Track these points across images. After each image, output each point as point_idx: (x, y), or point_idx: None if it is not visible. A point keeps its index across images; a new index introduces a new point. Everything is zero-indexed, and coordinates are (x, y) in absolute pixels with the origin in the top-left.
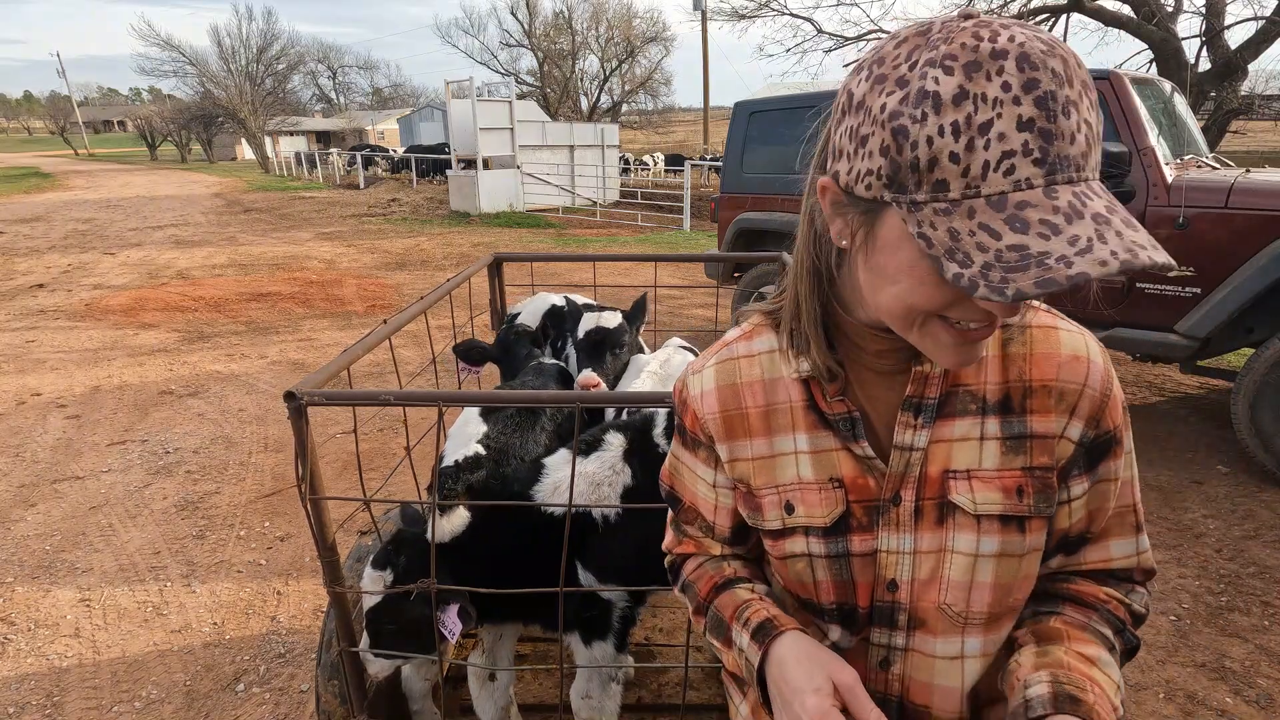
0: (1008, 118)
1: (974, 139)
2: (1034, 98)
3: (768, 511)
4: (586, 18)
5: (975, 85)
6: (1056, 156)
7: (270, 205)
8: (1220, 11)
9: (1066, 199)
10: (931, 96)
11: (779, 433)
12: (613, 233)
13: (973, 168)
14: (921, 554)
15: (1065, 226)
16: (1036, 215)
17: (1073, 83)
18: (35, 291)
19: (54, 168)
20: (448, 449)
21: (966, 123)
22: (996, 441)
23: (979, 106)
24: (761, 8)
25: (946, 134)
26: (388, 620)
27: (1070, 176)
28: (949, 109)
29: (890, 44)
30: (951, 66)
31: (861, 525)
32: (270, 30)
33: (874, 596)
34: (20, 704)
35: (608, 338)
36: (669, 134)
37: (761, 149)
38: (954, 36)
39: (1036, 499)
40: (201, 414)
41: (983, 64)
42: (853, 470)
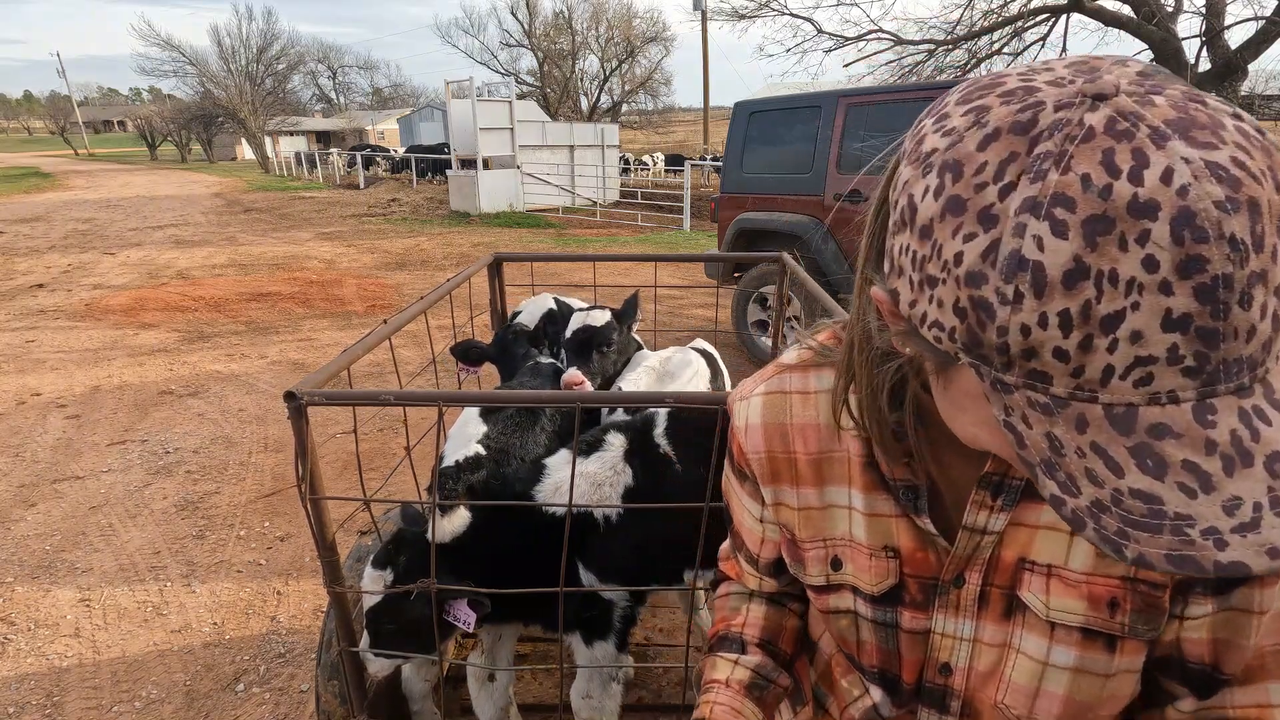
0: (1149, 310)
1: (1093, 336)
2: (1195, 285)
3: (811, 566)
4: (586, 18)
5: (1101, 258)
6: (1220, 363)
7: (270, 205)
8: (1220, 11)
9: (1229, 425)
10: (1031, 269)
11: (832, 483)
12: (613, 233)
13: (1088, 369)
14: (982, 644)
15: (1222, 479)
16: (1179, 453)
17: (1263, 244)
18: (35, 291)
19: (54, 168)
20: (447, 449)
21: (1083, 314)
22: None
23: (1104, 291)
24: (761, 8)
25: (1051, 326)
26: (388, 620)
27: (1240, 384)
28: (1057, 293)
29: (973, 132)
30: (1065, 222)
31: (915, 602)
32: (270, 30)
33: (923, 676)
34: (20, 704)
35: (595, 336)
36: (669, 134)
37: (761, 149)
38: (1073, 155)
39: (1134, 618)
40: (201, 414)
41: (1116, 223)
42: (911, 542)
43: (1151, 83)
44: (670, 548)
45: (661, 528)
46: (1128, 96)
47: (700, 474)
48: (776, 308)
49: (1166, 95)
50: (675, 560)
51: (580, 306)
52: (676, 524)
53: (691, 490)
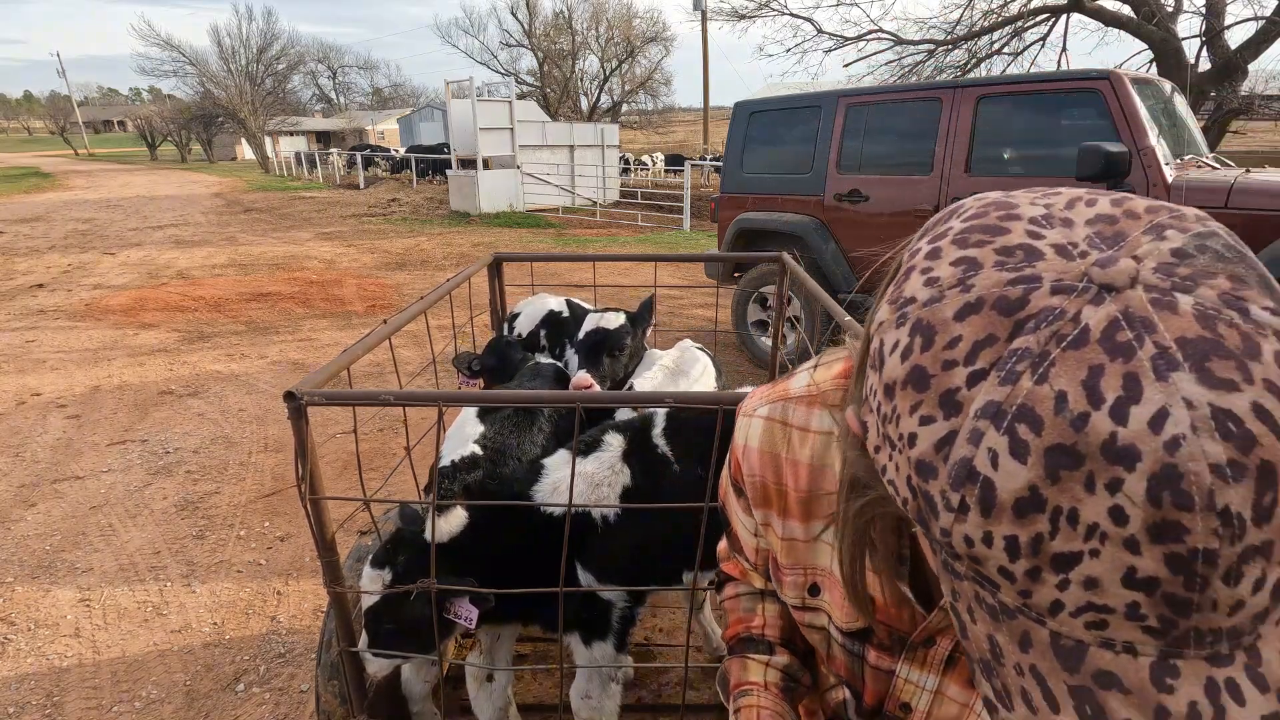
0: (1110, 562)
1: (1041, 570)
2: (1166, 554)
3: (788, 589)
4: (586, 18)
5: (1060, 494)
6: (1191, 630)
7: (270, 205)
8: (1220, 11)
9: (1190, 695)
10: (980, 485)
11: (818, 518)
12: (613, 233)
13: (1035, 596)
14: (945, 697)
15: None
16: (1124, 711)
17: (1272, 516)
18: (35, 291)
19: (54, 168)
20: (445, 449)
21: (1033, 546)
22: None
23: (1060, 529)
24: (761, 8)
25: (996, 546)
26: (387, 620)
27: (1215, 652)
28: (1006, 517)
29: (955, 295)
30: (1026, 444)
31: (883, 645)
32: (270, 30)
33: (884, 707)
34: (20, 704)
35: (607, 339)
36: (669, 134)
37: (761, 149)
38: (1054, 364)
39: None
40: (201, 414)
41: (1085, 460)
42: (887, 597)
43: (1183, 273)
44: (669, 548)
45: (660, 528)
46: (1145, 292)
47: (699, 474)
48: (776, 308)
49: (1196, 297)
50: (674, 561)
51: (591, 309)
52: (675, 524)
53: (690, 490)
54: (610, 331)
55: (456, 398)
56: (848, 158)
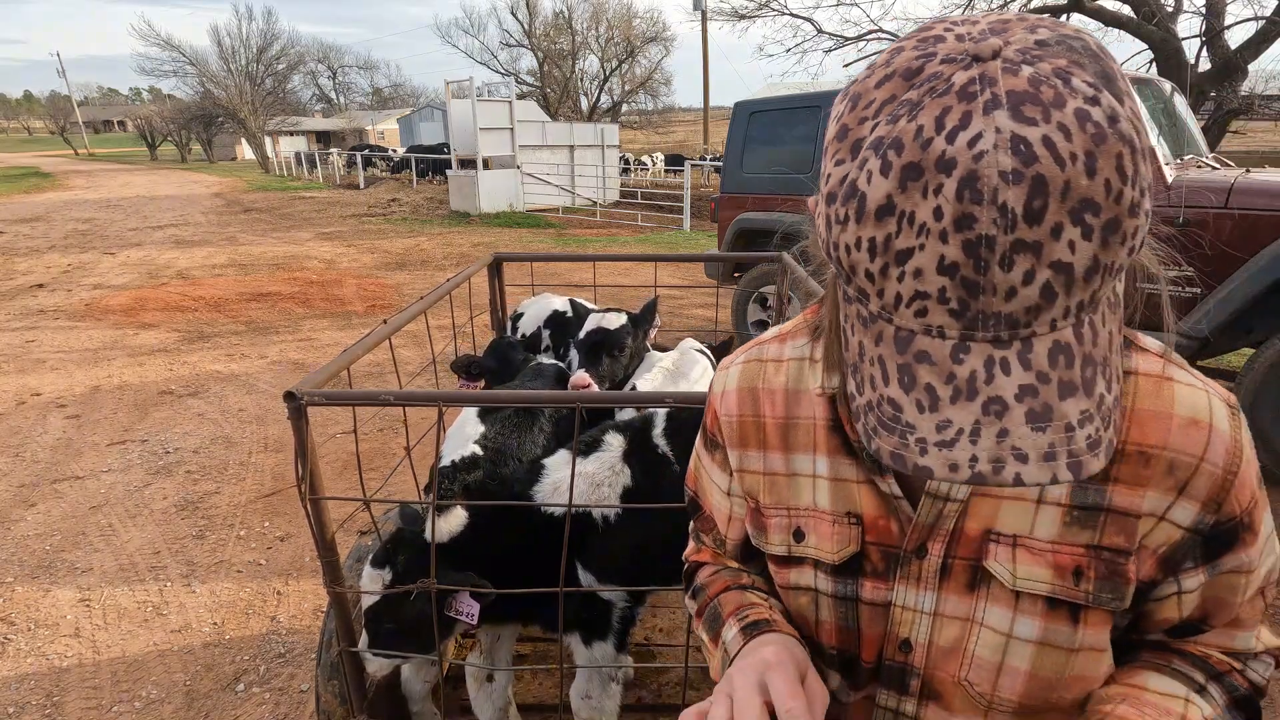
0: (930, 253)
1: (889, 266)
2: (963, 240)
3: (773, 534)
4: (586, 18)
5: (907, 200)
6: (979, 313)
7: (270, 205)
8: (1220, 11)
9: (974, 366)
10: (859, 199)
11: (797, 451)
12: (613, 233)
13: (886, 293)
14: (944, 617)
15: (945, 404)
16: (927, 375)
17: (1041, 219)
18: (35, 291)
19: (54, 168)
20: (445, 449)
21: (885, 244)
22: (1059, 508)
23: (902, 229)
24: (761, 8)
25: (863, 249)
26: (387, 619)
27: (997, 336)
28: (870, 222)
29: (879, 70)
30: (891, 163)
31: (876, 571)
32: (270, 30)
33: (883, 654)
34: (20, 704)
35: (607, 339)
36: (669, 134)
37: (762, 149)
38: (923, 107)
39: (1099, 586)
40: (201, 414)
41: (924, 173)
42: (875, 509)
43: (1035, 54)
44: (670, 548)
45: (661, 528)
46: (1001, 62)
47: None
48: (776, 308)
49: (1035, 68)
50: (675, 561)
51: (594, 309)
52: (676, 524)
53: None
54: (610, 331)
55: (456, 398)
56: None
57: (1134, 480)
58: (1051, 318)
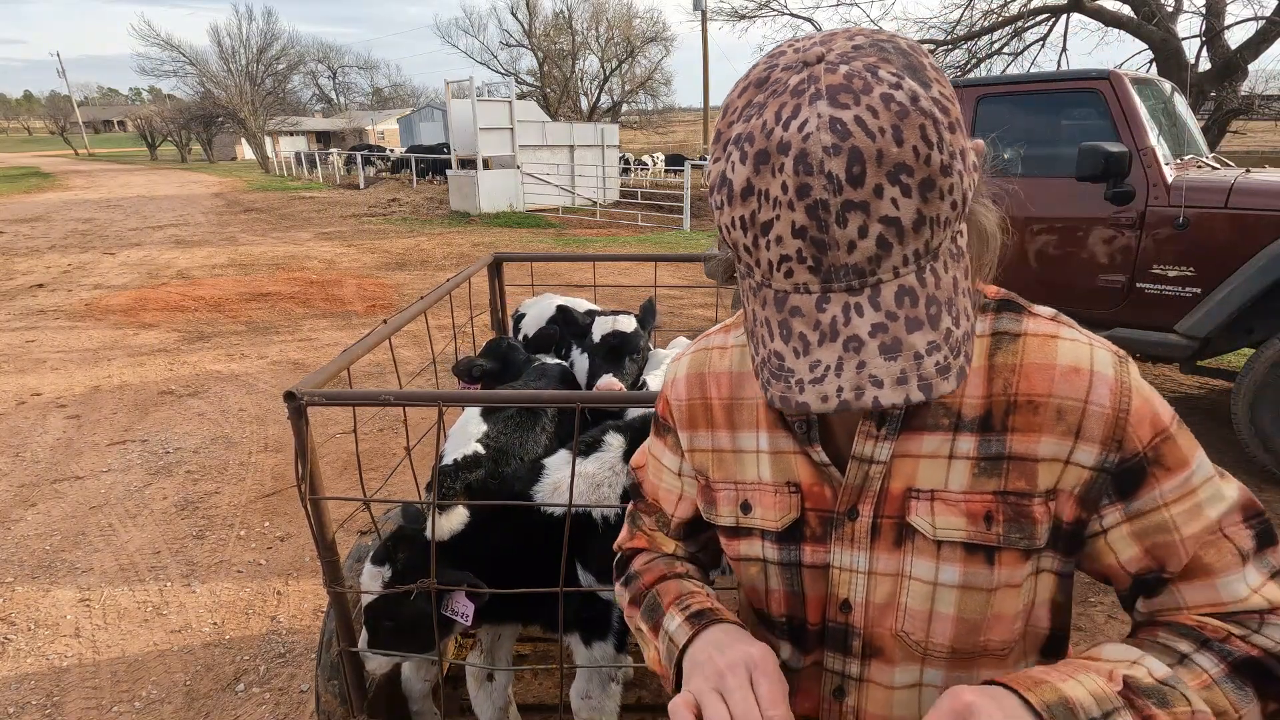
0: (784, 221)
1: (758, 237)
2: (805, 205)
3: (721, 507)
4: (586, 18)
5: (761, 180)
6: (830, 266)
7: (270, 205)
8: (1220, 11)
9: (834, 313)
10: (728, 186)
11: (742, 429)
12: (613, 233)
13: (761, 262)
14: (877, 575)
15: (815, 348)
16: (799, 326)
17: (863, 182)
18: (35, 291)
19: (54, 168)
20: (447, 448)
21: (751, 219)
22: (968, 461)
23: (762, 205)
24: (761, 8)
25: (737, 227)
26: (386, 617)
27: (850, 285)
28: (738, 203)
29: (741, 81)
30: (747, 153)
31: (815, 535)
32: (270, 30)
33: (825, 616)
34: (20, 704)
35: (626, 342)
36: (669, 134)
37: None
38: (767, 106)
39: (1008, 528)
40: (201, 414)
41: (770, 157)
42: (810, 476)
43: (850, 56)
44: None
45: None
46: (824, 65)
47: None
48: None
49: (850, 66)
50: None
51: (594, 309)
52: None
53: None
54: (628, 335)
55: (456, 398)
56: None
57: (1027, 428)
58: (893, 265)
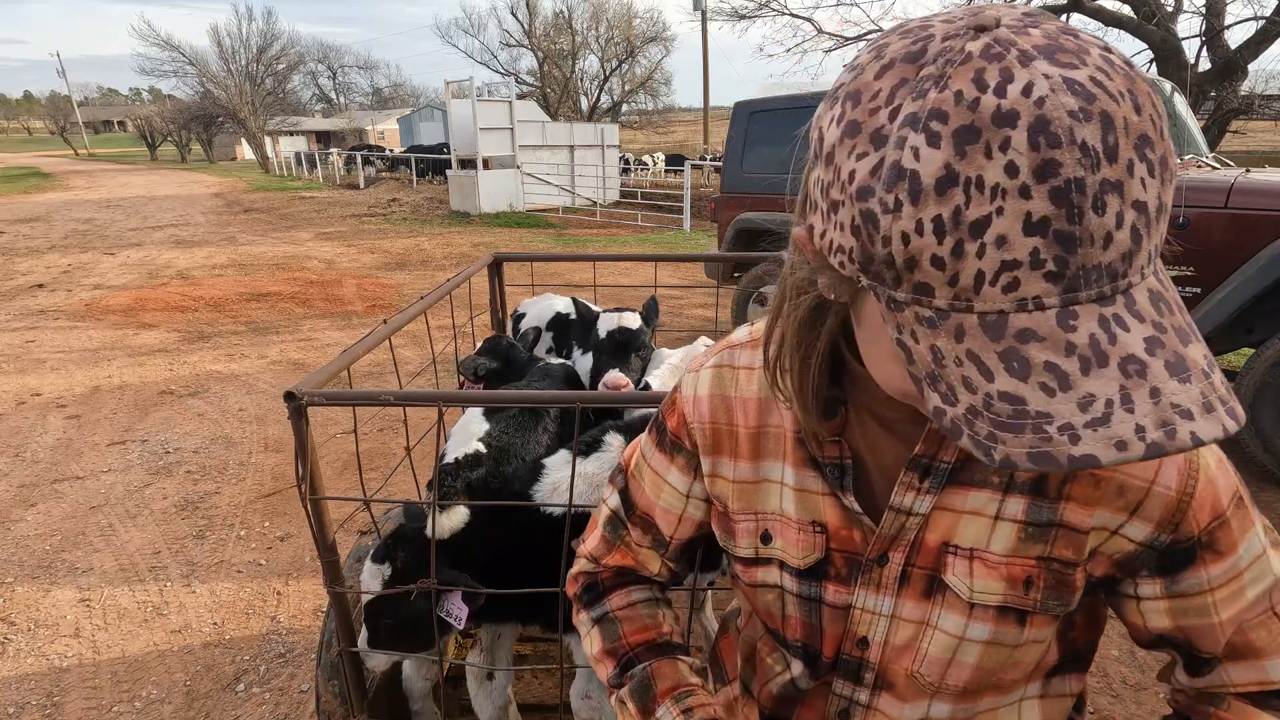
0: (1012, 215)
1: (963, 242)
2: (1050, 189)
3: (740, 539)
4: (586, 18)
5: (969, 165)
6: (1079, 269)
7: (270, 205)
8: (1220, 11)
9: (1089, 330)
10: (909, 178)
11: (766, 458)
12: (613, 233)
13: (962, 277)
14: (900, 620)
15: (1079, 378)
16: (1042, 355)
17: (1117, 156)
18: (35, 291)
19: (54, 168)
20: (449, 446)
21: (954, 219)
22: (1015, 525)
23: (972, 197)
24: (761, 8)
25: (926, 232)
26: (385, 615)
27: (1101, 292)
28: (930, 199)
29: (872, 64)
30: (939, 133)
31: (840, 576)
32: (270, 30)
33: (841, 649)
34: (20, 704)
35: (631, 338)
36: (669, 134)
37: (762, 149)
38: (950, 76)
39: (1046, 595)
40: (201, 414)
41: (982, 132)
42: (838, 520)
43: (1031, 20)
44: None
45: None
46: (1007, 28)
47: None
48: None
49: (1042, 29)
50: None
51: (595, 307)
52: None
53: None
54: (634, 330)
55: (456, 398)
56: None
57: (1085, 500)
58: (1140, 264)
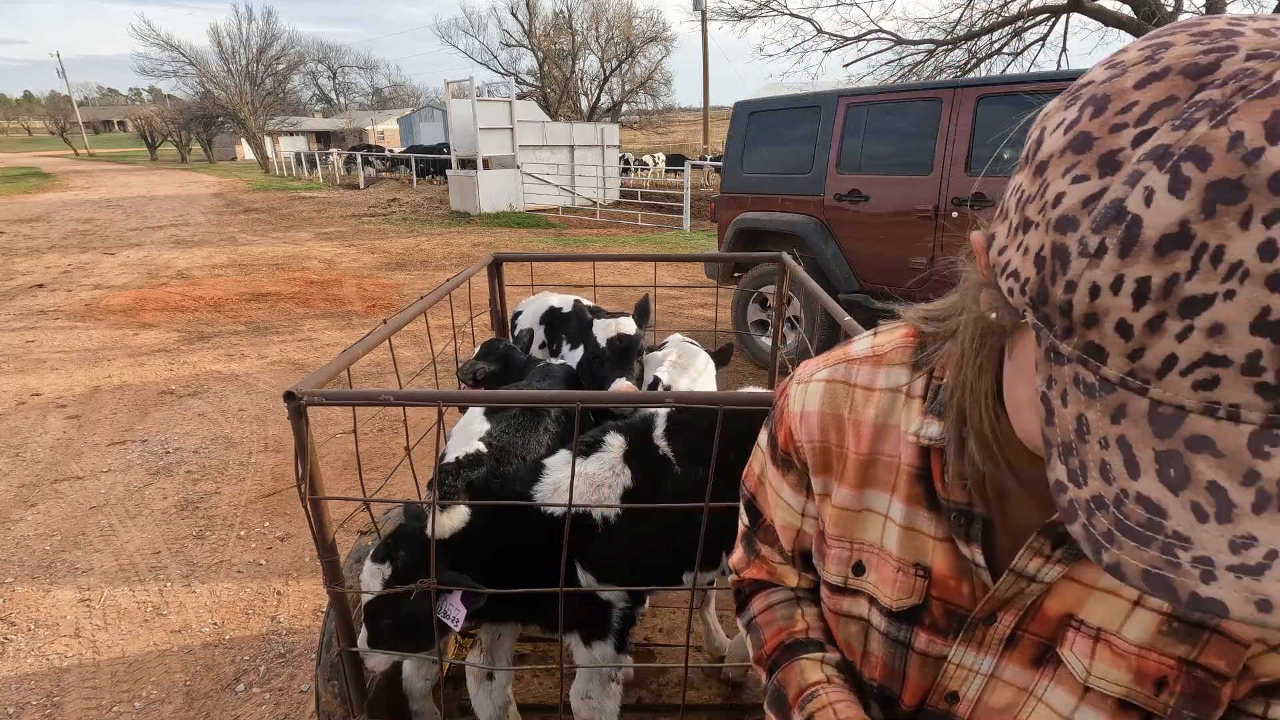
0: (1243, 304)
1: (1166, 315)
2: None
3: (830, 564)
4: (586, 18)
5: (1213, 230)
6: None
7: (270, 205)
8: (1220, 11)
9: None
10: (1127, 224)
11: (874, 487)
12: (613, 233)
13: (1148, 354)
14: (1000, 681)
15: (1245, 514)
16: (1210, 473)
17: None
18: (35, 291)
19: (54, 168)
20: (450, 446)
21: (1165, 289)
22: (1159, 616)
23: (1200, 269)
24: (761, 8)
25: (1124, 292)
26: (385, 615)
27: None
28: (1145, 257)
29: (1139, 67)
30: (1189, 179)
31: (936, 626)
32: (270, 30)
33: (926, 701)
34: (20, 704)
35: (632, 344)
36: (669, 134)
37: (762, 149)
38: (1237, 109)
39: (1181, 703)
40: (201, 414)
41: (1248, 194)
42: (947, 568)
43: None
44: (670, 550)
45: (661, 530)
46: None
47: (701, 474)
48: (776, 308)
49: None
50: (676, 562)
51: (588, 305)
52: (676, 526)
53: (692, 491)
54: (633, 337)
55: (456, 398)
56: (848, 158)
57: None
58: None
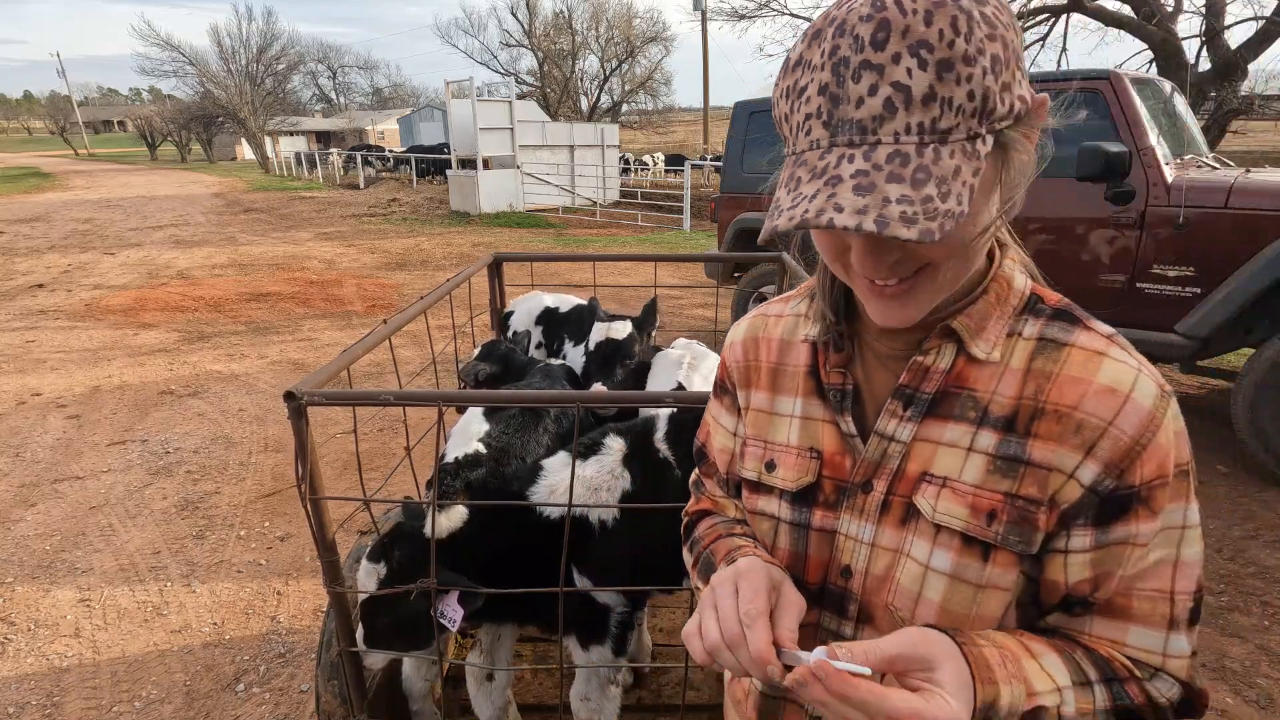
0: (815, 82)
1: (795, 102)
2: (832, 64)
3: (748, 461)
4: (586, 18)
5: (808, 53)
6: (839, 120)
7: (270, 205)
8: (1220, 11)
9: (829, 160)
10: (786, 62)
11: (781, 393)
12: (613, 233)
13: (794, 127)
14: (880, 548)
15: (803, 185)
16: (800, 173)
17: (883, 47)
18: (35, 291)
19: (54, 168)
20: (449, 446)
21: (794, 87)
22: (985, 457)
23: (803, 72)
24: (761, 8)
25: (784, 99)
26: (382, 615)
27: (850, 139)
28: (790, 73)
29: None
30: (806, 34)
31: (828, 501)
32: (270, 30)
33: (826, 578)
34: (20, 704)
35: (619, 349)
36: (669, 134)
37: (762, 149)
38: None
39: (1007, 529)
40: (201, 414)
41: (822, 32)
42: (834, 446)
43: None
44: (668, 553)
45: (659, 533)
46: None
47: None
48: None
49: None
50: (674, 565)
51: (580, 303)
52: (676, 528)
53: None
54: (620, 342)
55: (456, 398)
56: None
57: (1049, 437)
58: (894, 129)
